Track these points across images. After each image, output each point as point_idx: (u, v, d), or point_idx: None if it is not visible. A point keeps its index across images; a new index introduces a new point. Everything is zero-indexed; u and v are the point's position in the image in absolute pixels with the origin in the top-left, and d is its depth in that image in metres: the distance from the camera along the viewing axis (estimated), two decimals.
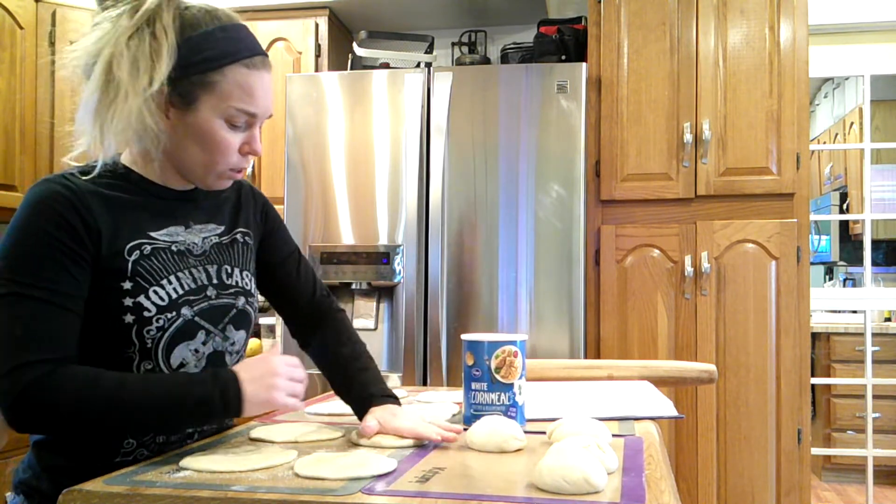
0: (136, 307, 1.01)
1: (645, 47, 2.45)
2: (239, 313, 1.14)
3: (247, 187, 1.25)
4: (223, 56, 1.01)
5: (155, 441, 1.06)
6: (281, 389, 1.00)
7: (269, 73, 1.07)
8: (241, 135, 1.06)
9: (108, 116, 0.99)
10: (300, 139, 2.53)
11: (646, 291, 2.42)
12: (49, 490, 1.01)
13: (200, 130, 1.02)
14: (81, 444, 1.03)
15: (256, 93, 1.04)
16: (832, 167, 5.07)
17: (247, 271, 1.18)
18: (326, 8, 2.96)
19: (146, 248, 1.04)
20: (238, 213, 1.20)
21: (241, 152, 1.07)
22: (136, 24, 0.98)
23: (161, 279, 1.04)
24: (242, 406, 0.98)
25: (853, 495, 3.97)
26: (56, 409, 0.92)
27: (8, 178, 2.74)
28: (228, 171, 1.07)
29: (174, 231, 1.09)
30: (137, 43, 0.98)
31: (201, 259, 1.11)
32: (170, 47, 0.98)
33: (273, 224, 1.28)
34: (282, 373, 1.01)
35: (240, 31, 1.05)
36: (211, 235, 1.14)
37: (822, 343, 4.18)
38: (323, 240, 2.49)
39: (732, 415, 2.36)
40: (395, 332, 2.44)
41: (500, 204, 2.40)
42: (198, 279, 1.09)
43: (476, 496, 0.80)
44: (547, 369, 1.66)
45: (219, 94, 1.01)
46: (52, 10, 2.86)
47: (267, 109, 1.07)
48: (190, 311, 1.06)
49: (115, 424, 0.95)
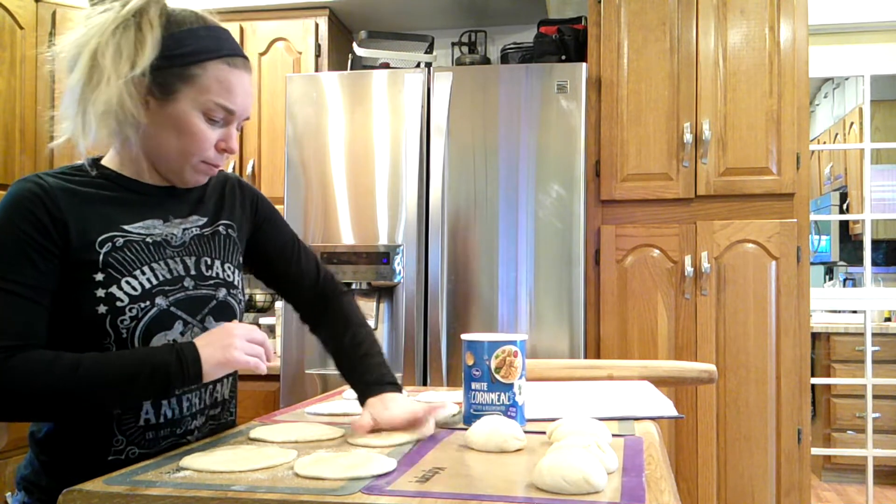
0: (108, 297, 1.02)
1: (645, 47, 2.45)
2: (220, 304, 1.14)
3: (233, 180, 1.26)
4: (205, 51, 1.05)
5: (144, 437, 1.06)
6: (238, 349, 1.02)
7: (250, 75, 1.11)
8: (219, 131, 1.08)
9: (90, 100, 1.01)
10: (300, 139, 2.53)
11: (646, 291, 2.42)
12: (48, 485, 1.03)
13: (178, 121, 1.05)
14: (74, 440, 1.04)
15: (235, 90, 1.07)
16: (832, 167, 5.07)
17: (229, 263, 1.19)
18: (326, 8, 2.96)
19: (118, 240, 1.06)
20: (222, 206, 1.21)
21: (217, 149, 1.09)
22: (124, 17, 1.02)
23: (134, 270, 1.05)
24: (201, 368, 1.00)
25: (853, 495, 3.97)
26: (14, 391, 0.94)
27: (8, 178, 2.75)
28: (203, 165, 1.09)
29: (151, 224, 1.10)
30: (122, 33, 1.02)
31: (179, 250, 1.12)
32: (154, 39, 1.02)
33: (265, 213, 1.28)
34: (238, 334, 1.03)
35: (223, 33, 1.09)
36: (192, 227, 1.15)
37: (822, 343, 4.18)
38: (323, 240, 2.49)
39: (732, 415, 2.36)
40: (395, 332, 2.44)
41: (500, 204, 2.40)
42: (174, 270, 1.10)
43: (476, 496, 0.80)
44: (547, 369, 1.66)
45: (198, 88, 1.04)
46: (52, 10, 2.86)
47: (245, 109, 1.10)
48: (165, 301, 1.07)
49: (74, 401, 0.96)
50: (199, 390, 1.13)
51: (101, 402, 0.99)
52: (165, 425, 1.09)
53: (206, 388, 1.14)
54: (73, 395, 0.95)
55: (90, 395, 0.96)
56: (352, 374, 1.23)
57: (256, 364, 1.04)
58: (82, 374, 0.95)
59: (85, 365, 0.96)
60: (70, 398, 0.95)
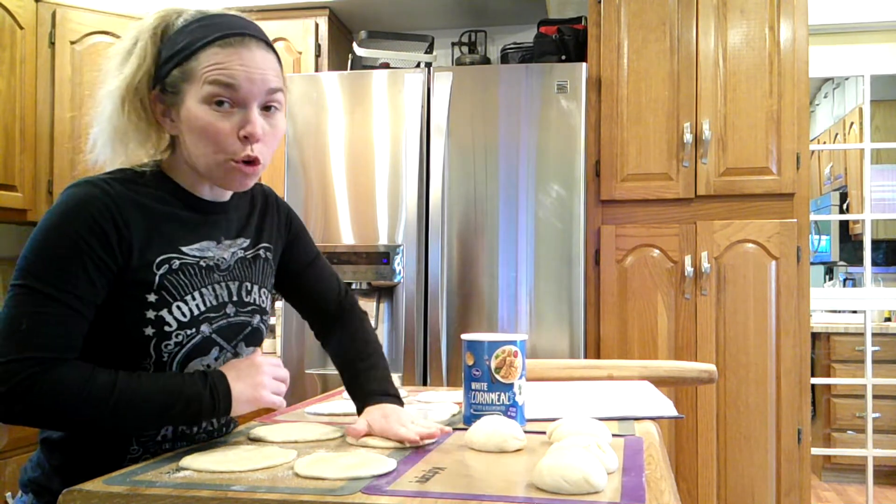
0: (157, 321, 1.00)
1: (645, 47, 2.45)
2: (253, 331, 1.14)
3: (271, 197, 1.24)
4: (195, 42, 1.01)
5: (161, 448, 1.06)
6: (266, 387, 1.04)
7: (255, 48, 1.02)
8: (233, 118, 1.00)
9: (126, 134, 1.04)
10: (300, 139, 2.53)
11: (646, 291, 2.42)
12: (60, 489, 1.02)
13: (191, 122, 1.01)
14: (90, 445, 1.03)
15: (231, 65, 0.99)
16: (832, 167, 5.07)
17: (265, 288, 1.18)
18: (326, 8, 2.96)
19: (175, 262, 1.03)
20: (262, 227, 1.19)
21: (239, 137, 1.01)
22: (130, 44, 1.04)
23: (185, 294, 1.03)
24: (231, 403, 1.01)
25: (853, 495, 3.97)
26: (46, 405, 0.92)
27: (8, 178, 2.74)
28: (233, 163, 1.02)
29: (206, 246, 1.08)
30: (127, 60, 1.03)
31: (225, 275, 1.10)
32: (152, 54, 1.03)
33: (296, 231, 1.27)
34: (267, 371, 1.05)
35: (217, 18, 1.03)
36: (238, 250, 1.14)
37: (822, 343, 4.18)
38: (323, 240, 2.49)
39: (732, 415, 2.36)
40: (395, 332, 2.44)
41: (500, 204, 2.40)
42: (220, 296, 1.08)
43: (476, 496, 0.80)
44: (547, 369, 1.66)
45: (195, 78, 1.00)
46: (52, 10, 2.86)
47: (250, 81, 1.00)
48: (209, 328, 1.06)
49: (106, 422, 0.95)
50: None
51: (130, 425, 0.99)
52: (182, 438, 1.09)
53: None
54: (104, 415, 0.94)
55: (121, 418, 0.95)
56: (353, 384, 1.22)
57: (280, 402, 1.06)
58: (116, 398, 0.94)
59: (120, 387, 0.94)
60: (101, 418, 0.94)
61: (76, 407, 0.93)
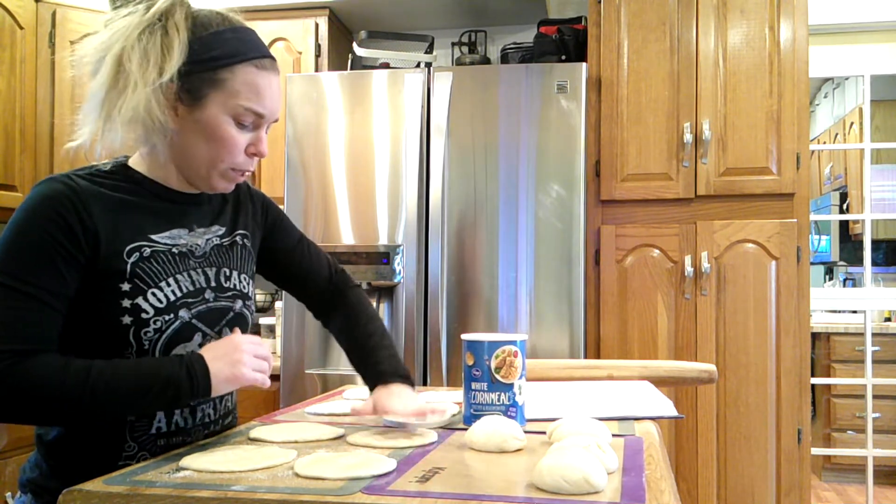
0: (133, 309, 1.01)
1: (645, 47, 2.45)
2: (236, 316, 1.15)
3: (244, 187, 1.26)
4: (233, 55, 1.03)
5: (156, 444, 1.06)
6: (246, 365, 1.02)
7: (278, 76, 1.09)
8: (248, 135, 1.06)
9: (116, 106, 0.99)
10: (300, 139, 2.53)
11: (646, 291, 2.42)
12: (58, 489, 1.02)
13: (208, 126, 1.03)
14: (84, 444, 1.03)
15: (264, 93, 1.05)
16: (832, 167, 5.07)
17: (245, 274, 1.19)
18: (326, 8, 2.96)
19: (146, 250, 1.04)
20: (238, 215, 1.21)
21: (247, 153, 1.08)
22: (149, 20, 1.00)
23: (160, 281, 1.04)
24: (210, 383, 1.00)
25: (853, 495, 3.97)
26: (22, 395, 0.92)
27: (8, 178, 2.75)
28: (232, 172, 1.08)
29: (177, 234, 1.09)
30: (149, 37, 0.99)
31: (201, 261, 1.11)
32: (181, 43, 1.00)
33: (274, 217, 1.29)
34: (247, 350, 1.03)
35: (249, 34, 1.07)
36: (213, 237, 1.15)
37: (822, 343, 4.18)
38: (323, 240, 2.49)
39: (732, 415, 2.36)
40: (395, 332, 2.44)
41: (500, 204, 2.40)
42: (196, 282, 1.09)
43: (476, 496, 0.80)
44: (547, 369, 1.66)
45: (228, 92, 1.02)
46: (52, 10, 2.86)
47: (274, 112, 1.08)
48: (188, 314, 1.06)
49: (84, 409, 0.94)
50: (212, 401, 1.13)
51: (108, 412, 0.98)
52: (177, 433, 1.09)
53: (220, 398, 1.15)
54: (82, 402, 0.94)
55: (98, 404, 0.95)
56: (363, 364, 1.24)
57: (263, 380, 1.04)
58: (92, 383, 0.94)
59: (95, 373, 0.94)
60: (78, 406, 0.94)
61: (52, 395, 0.93)
